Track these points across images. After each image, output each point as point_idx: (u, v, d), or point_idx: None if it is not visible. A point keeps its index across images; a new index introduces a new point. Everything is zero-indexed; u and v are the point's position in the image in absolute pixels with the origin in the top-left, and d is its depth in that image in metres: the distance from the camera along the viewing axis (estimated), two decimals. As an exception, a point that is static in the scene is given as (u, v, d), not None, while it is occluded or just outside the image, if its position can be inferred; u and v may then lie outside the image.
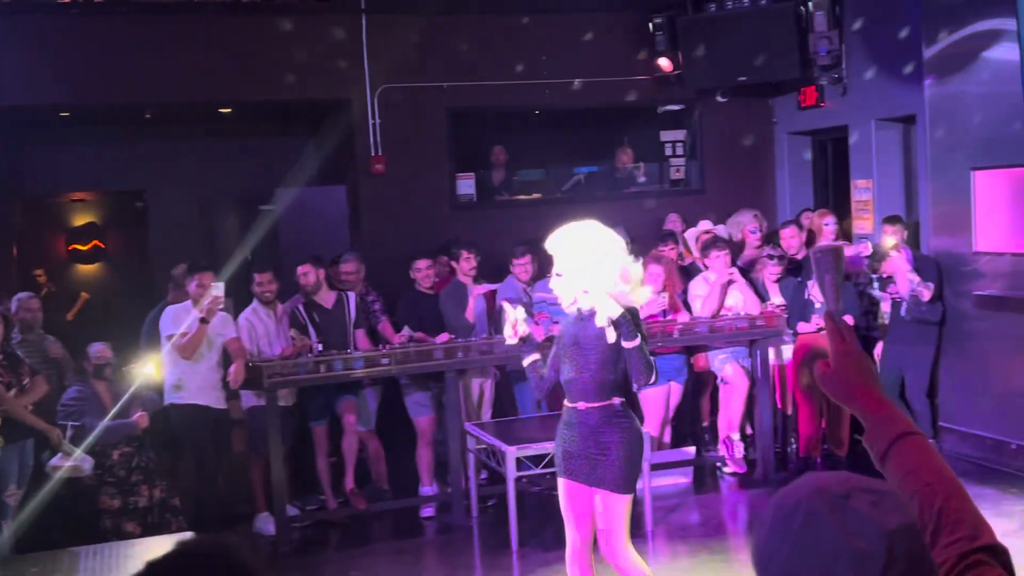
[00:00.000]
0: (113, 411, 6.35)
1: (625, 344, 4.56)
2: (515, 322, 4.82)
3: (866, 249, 8.46)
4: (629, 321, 4.55)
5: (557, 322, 7.48)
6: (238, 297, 7.97)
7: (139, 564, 1.39)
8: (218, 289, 6.85)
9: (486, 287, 7.68)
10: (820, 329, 7.72)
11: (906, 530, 1.24)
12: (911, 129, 9.09)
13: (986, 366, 7.89)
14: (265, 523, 7.33)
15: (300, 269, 7.46)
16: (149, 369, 6.54)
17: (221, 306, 6.90)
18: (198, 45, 8.90)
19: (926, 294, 7.71)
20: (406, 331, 7.53)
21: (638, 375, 4.63)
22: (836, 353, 1.77)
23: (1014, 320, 7.59)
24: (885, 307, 8.13)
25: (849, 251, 8.41)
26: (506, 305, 4.95)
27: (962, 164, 7.95)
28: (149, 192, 11.28)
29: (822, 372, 1.77)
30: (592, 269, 4.62)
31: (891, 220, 8.09)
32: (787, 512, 1.27)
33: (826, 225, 8.45)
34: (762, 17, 9.37)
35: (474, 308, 7.57)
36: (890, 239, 7.86)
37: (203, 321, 6.81)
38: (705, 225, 8.76)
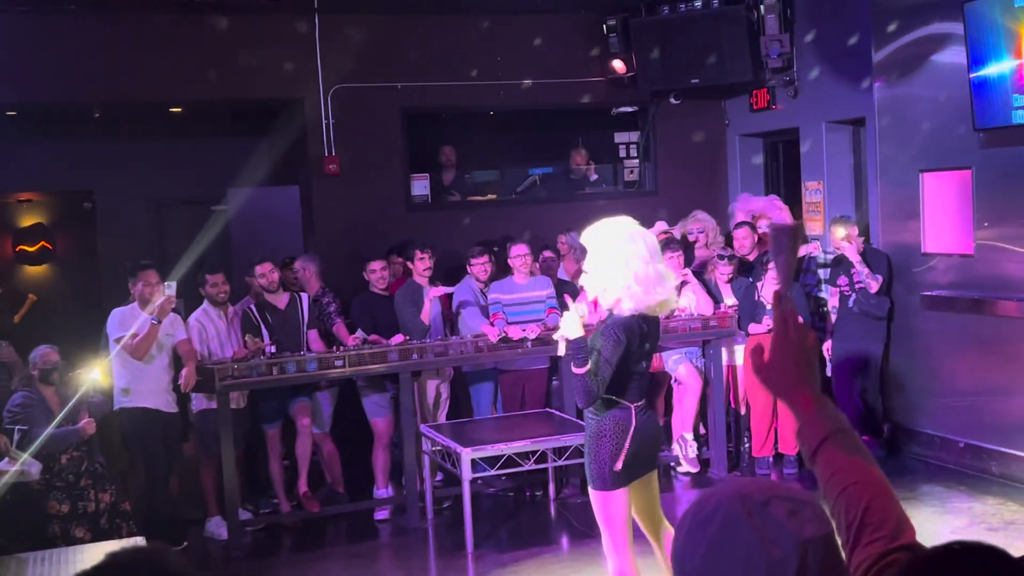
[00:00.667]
0: (59, 416, 6.23)
1: (574, 369, 4.49)
2: (575, 321, 4.56)
3: (816, 250, 8.56)
4: (583, 347, 4.47)
5: (512, 323, 7.50)
6: (188, 298, 7.88)
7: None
8: (170, 289, 6.75)
9: (442, 289, 7.66)
10: (771, 330, 7.78)
11: (821, 540, 1.25)
12: (861, 131, 9.21)
13: (934, 365, 8.01)
14: (217, 527, 7.25)
15: (259, 268, 7.40)
16: (95, 374, 6.43)
17: (173, 306, 6.82)
18: (148, 43, 8.78)
19: (874, 286, 7.83)
20: (359, 334, 7.49)
21: (576, 397, 4.59)
22: (777, 344, 1.75)
23: (961, 320, 7.72)
24: (833, 301, 8.21)
25: (812, 248, 8.49)
26: (572, 304, 4.68)
27: (910, 166, 8.07)
28: (98, 192, 11.12)
29: (760, 363, 1.75)
30: (597, 270, 4.55)
31: (839, 221, 8.18)
32: (706, 515, 1.29)
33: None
34: (714, 20, 9.44)
35: (430, 310, 7.55)
36: (841, 229, 7.95)
37: (155, 322, 6.72)
38: (661, 227, 8.81)
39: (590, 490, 4.65)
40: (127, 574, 1.38)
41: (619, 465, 4.52)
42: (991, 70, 7.01)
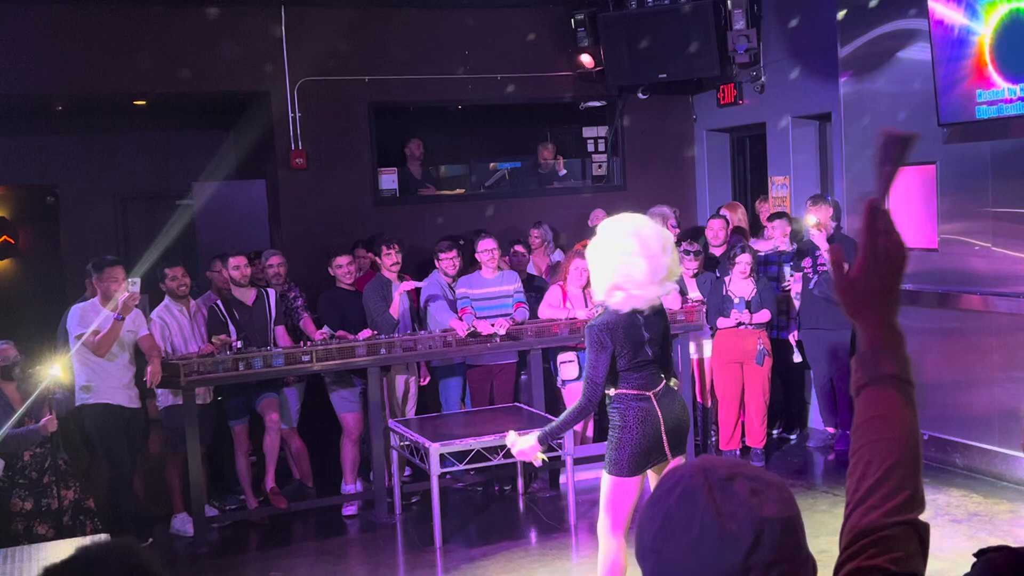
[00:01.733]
0: (18, 413, 6.14)
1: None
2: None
3: (783, 243, 8.58)
4: (548, 438, 4.84)
5: (480, 318, 7.49)
6: (152, 294, 7.80)
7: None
8: (134, 285, 6.67)
9: (411, 284, 7.63)
10: (739, 324, 7.84)
11: (780, 522, 1.24)
12: (827, 126, 9.27)
13: (899, 359, 8.07)
14: (183, 524, 7.20)
15: (234, 261, 7.34)
16: (56, 370, 6.34)
17: (137, 302, 6.74)
18: (112, 35, 8.68)
19: None
20: (326, 329, 7.44)
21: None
22: (864, 258, 1.56)
23: (925, 314, 7.79)
24: (796, 288, 8.22)
25: (766, 245, 8.52)
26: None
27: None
28: (61, 186, 10.99)
29: (842, 277, 1.57)
30: (591, 266, 4.75)
31: (816, 199, 8.20)
32: (669, 486, 1.29)
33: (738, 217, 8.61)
34: (682, 15, 9.47)
35: (399, 305, 7.52)
36: (812, 217, 8.00)
37: (119, 318, 6.64)
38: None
39: (603, 471, 4.80)
40: (97, 568, 1.36)
41: (628, 455, 4.66)
42: (955, 65, 7.07)
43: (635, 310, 4.64)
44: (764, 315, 7.80)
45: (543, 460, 4.94)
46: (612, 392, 4.77)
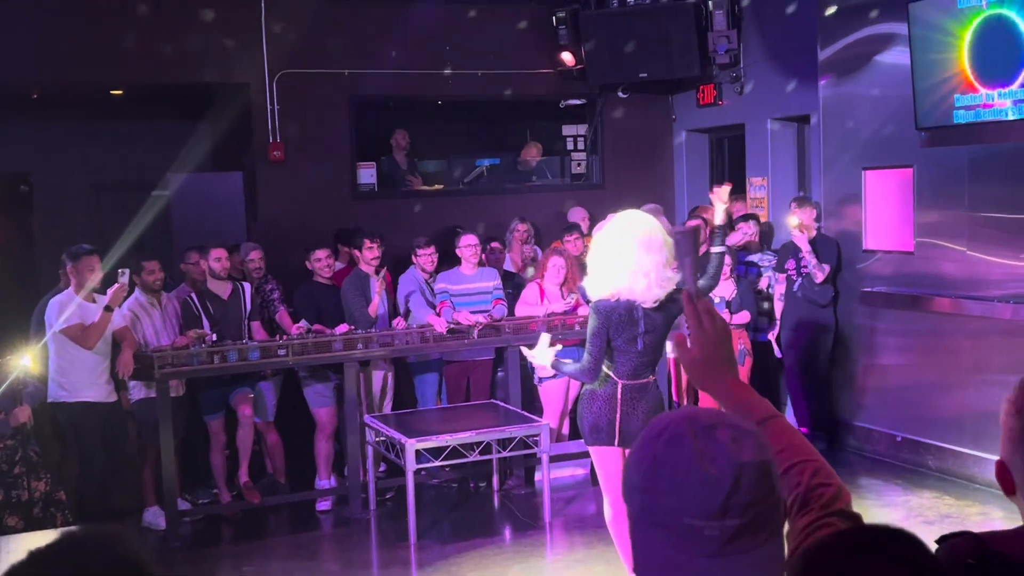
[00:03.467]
0: None
1: (565, 372, 5.24)
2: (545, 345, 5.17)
3: (751, 231, 8.55)
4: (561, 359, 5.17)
5: (459, 310, 7.47)
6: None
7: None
8: (124, 276, 6.66)
9: (381, 285, 7.58)
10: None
11: (758, 465, 1.34)
12: (805, 128, 9.31)
13: (872, 360, 8.13)
14: (155, 517, 7.13)
15: (215, 253, 7.28)
16: (26, 361, 6.25)
17: (125, 293, 6.71)
18: (89, 23, 8.59)
19: (819, 276, 7.93)
20: (303, 324, 7.39)
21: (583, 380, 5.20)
22: (696, 339, 1.83)
23: (900, 316, 7.85)
24: (780, 289, 8.26)
25: (735, 237, 8.52)
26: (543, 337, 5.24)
27: (854, 163, 8.18)
28: (35, 175, 10.86)
29: (685, 357, 1.84)
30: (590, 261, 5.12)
31: (801, 201, 8.23)
32: (656, 432, 1.38)
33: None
34: (663, 15, 9.49)
35: (378, 304, 7.48)
36: (794, 218, 8.04)
37: (107, 309, 6.59)
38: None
39: (589, 447, 5.25)
40: (83, 555, 1.33)
41: (616, 433, 5.06)
42: (934, 70, 7.12)
43: (632, 304, 4.95)
44: (744, 316, 7.81)
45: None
46: (604, 372, 5.08)
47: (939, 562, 1.34)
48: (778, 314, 8.31)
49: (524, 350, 5.37)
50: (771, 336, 8.33)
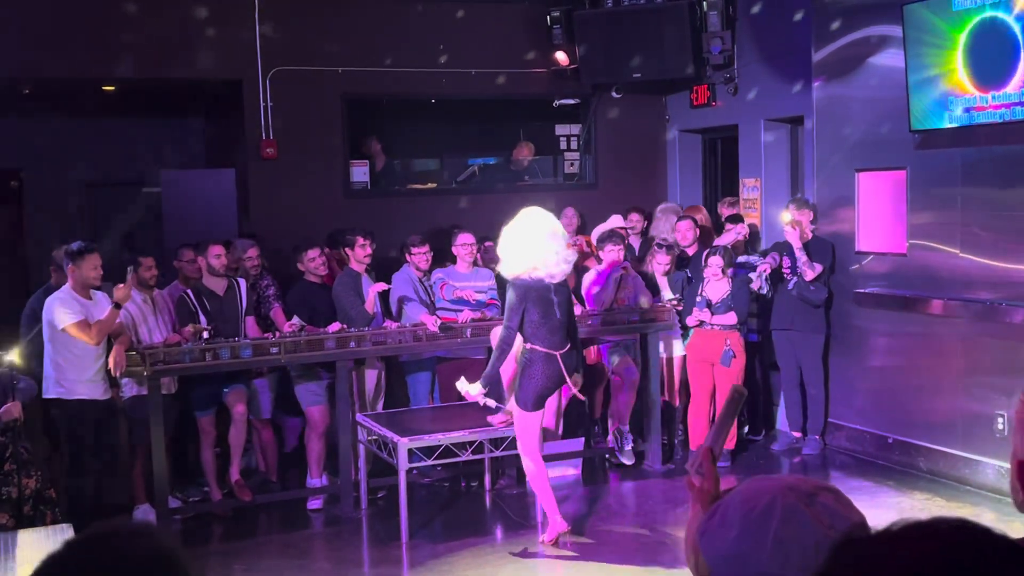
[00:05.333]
0: None
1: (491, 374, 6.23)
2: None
3: (743, 231, 8.56)
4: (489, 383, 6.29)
5: (455, 311, 7.48)
6: (114, 282, 7.70)
7: (31, 555, 1.31)
8: (130, 274, 6.72)
9: (382, 286, 7.57)
10: (701, 323, 7.86)
11: (864, 524, 1.35)
12: (799, 130, 9.31)
13: (865, 362, 8.15)
14: (145, 514, 7.10)
15: (214, 249, 7.26)
16: (11, 357, 6.22)
17: (131, 289, 6.72)
18: (81, 18, 8.55)
19: (809, 273, 7.93)
20: (296, 321, 7.36)
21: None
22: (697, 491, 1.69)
23: (892, 317, 7.86)
24: (758, 283, 8.20)
25: (727, 237, 8.52)
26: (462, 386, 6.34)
27: (847, 165, 8.19)
28: (26, 171, 10.82)
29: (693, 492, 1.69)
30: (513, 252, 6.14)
31: (799, 203, 8.23)
32: (762, 511, 1.36)
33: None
34: (657, 15, 9.49)
35: (375, 300, 7.47)
36: (787, 214, 8.05)
37: (116, 306, 6.58)
38: (616, 221, 8.82)
39: (515, 406, 6.22)
40: (120, 545, 1.33)
41: (532, 396, 6.11)
42: (927, 72, 7.14)
43: (539, 282, 6.01)
44: (729, 318, 7.78)
45: (489, 404, 6.48)
46: (527, 346, 6.07)
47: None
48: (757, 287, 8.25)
49: (461, 388, 6.35)
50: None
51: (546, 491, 6.32)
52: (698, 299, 7.86)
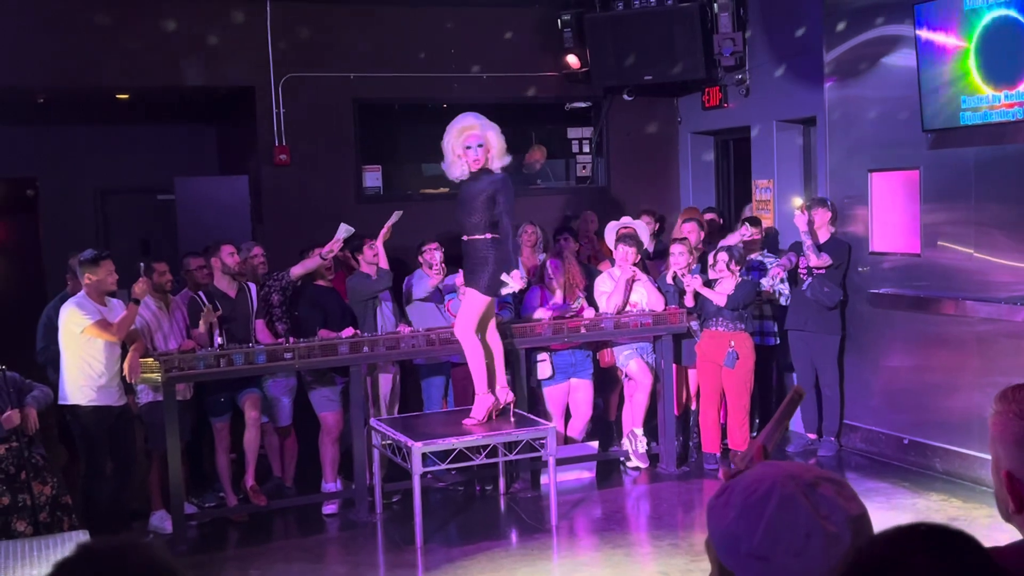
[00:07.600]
0: None
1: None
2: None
3: (746, 231, 8.52)
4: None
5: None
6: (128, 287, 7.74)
7: (43, 563, 1.32)
8: (143, 270, 6.86)
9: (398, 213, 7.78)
10: (689, 311, 7.86)
11: (863, 518, 1.37)
12: (811, 131, 9.29)
13: (880, 363, 8.11)
14: (161, 520, 7.13)
15: (227, 248, 7.36)
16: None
17: (147, 287, 6.80)
18: (95, 28, 8.61)
19: (813, 259, 7.86)
20: (349, 332, 7.38)
21: None
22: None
23: (906, 318, 7.83)
24: (768, 283, 8.17)
25: (733, 237, 8.49)
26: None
27: (860, 165, 8.16)
28: (42, 179, 10.88)
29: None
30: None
31: (818, 202, 8.17)
32: (760, 496, 1.39)
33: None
34: (668, 17, 9.48)
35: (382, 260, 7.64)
36: (798, 199, 8.01)
37: (135, 301, 6.65)
38: (626, 221, 8.79)
39: (470, 288, 6.76)
40: (113, 563, 1.33)
41: (486, 280, 6.62)
42: (940, 72, 7.11)
43: None
44: (719, 297, 7.68)
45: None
46: (488, 236, 6.65)
47: (992, 561, 1.29)
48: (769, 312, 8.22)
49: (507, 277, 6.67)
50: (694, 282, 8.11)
51: (479, 368, 6.83)
52: (694, 266, 7.86)
